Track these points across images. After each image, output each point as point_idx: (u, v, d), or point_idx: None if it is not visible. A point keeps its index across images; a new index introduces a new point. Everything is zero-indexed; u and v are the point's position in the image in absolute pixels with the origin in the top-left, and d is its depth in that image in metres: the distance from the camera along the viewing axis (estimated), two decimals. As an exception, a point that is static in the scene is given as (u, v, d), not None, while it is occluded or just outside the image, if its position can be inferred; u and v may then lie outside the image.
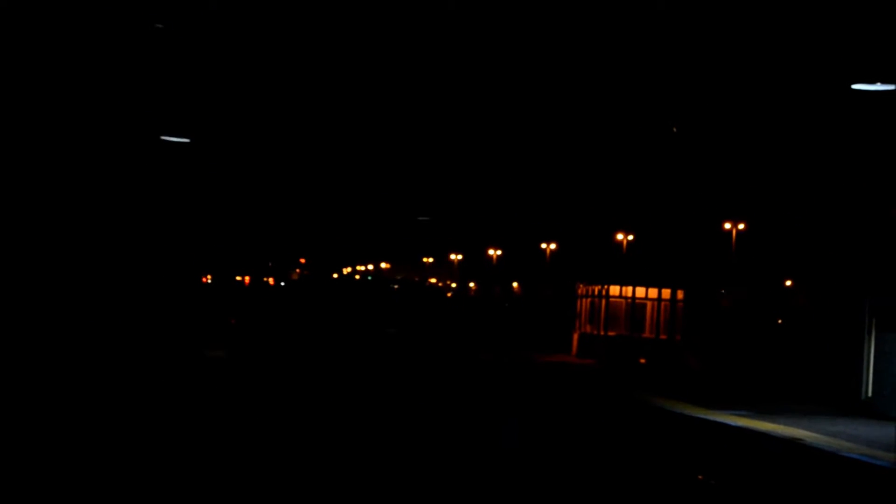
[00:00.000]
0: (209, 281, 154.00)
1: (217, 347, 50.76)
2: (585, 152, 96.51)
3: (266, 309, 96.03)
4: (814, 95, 69.63)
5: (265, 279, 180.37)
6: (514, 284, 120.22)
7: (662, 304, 56.31)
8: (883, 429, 31.82)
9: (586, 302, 59.41)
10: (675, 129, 49.16)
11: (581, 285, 61.15)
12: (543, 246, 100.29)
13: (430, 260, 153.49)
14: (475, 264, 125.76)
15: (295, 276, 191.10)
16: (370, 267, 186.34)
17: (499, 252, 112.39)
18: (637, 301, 56.74)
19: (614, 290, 57.26)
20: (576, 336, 60.27)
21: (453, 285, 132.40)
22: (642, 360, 55.43)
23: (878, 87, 31.89)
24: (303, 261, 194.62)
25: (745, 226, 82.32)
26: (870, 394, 36.59)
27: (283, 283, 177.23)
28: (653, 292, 56.68)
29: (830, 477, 24.73)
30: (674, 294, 56.00)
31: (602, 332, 57.16)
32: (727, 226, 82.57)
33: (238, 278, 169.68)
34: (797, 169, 77.91)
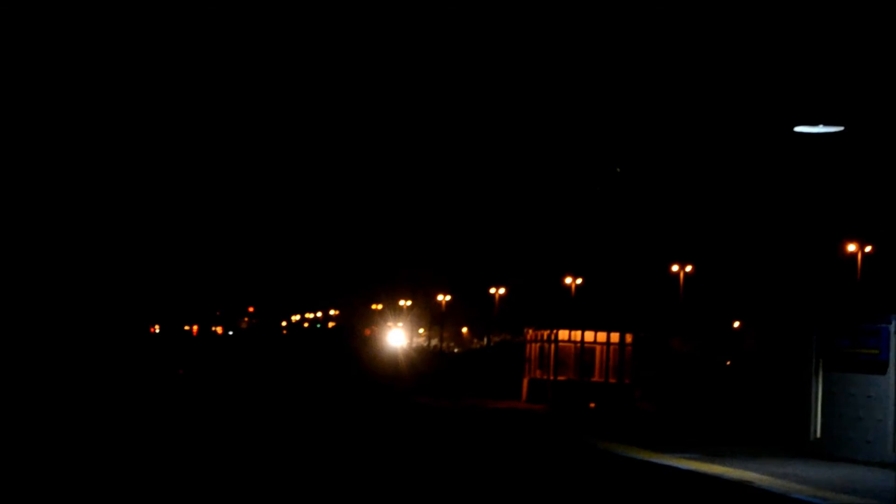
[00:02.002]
0: (157, 331, 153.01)
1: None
2: (533, 197, 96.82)
3: (221, 359, 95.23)
4: (758, 138, 70.15)
5: (213, 328, 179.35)
6: (464, 329, 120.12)
7: (611, 347, 56.32)
8: (832, 470, 31.87)
9: (535, 346, 59.34)
10: (618, 170, 49.41)
11: (530, 330, 61.09)
12: (493, 291, 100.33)
13: (380, 307, 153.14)
14: (425, 310, 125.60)
15: (244, 325, 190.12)
16: (318, 314, 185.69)
17: (448, 298, 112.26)
18: (586, 345, 56.72)
19: (563, 334, 57.20)
20: (525, 381, 60.17)
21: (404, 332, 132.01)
22: (592, 405, 55.37)
23: (821, 129, 32.10)
24: (251, 309, 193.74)
25: (693, 268, 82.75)
26: (818, 435, 36.66)
27: (231, 333, 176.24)
28: (602, 336, 56.66)
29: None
30: (622, 337, 56.02)
31: (552, 377, 57.08)
32: (675, 268, 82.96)
33: (186, 328, 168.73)
34: (743, 211, 78.46)
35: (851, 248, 71.23)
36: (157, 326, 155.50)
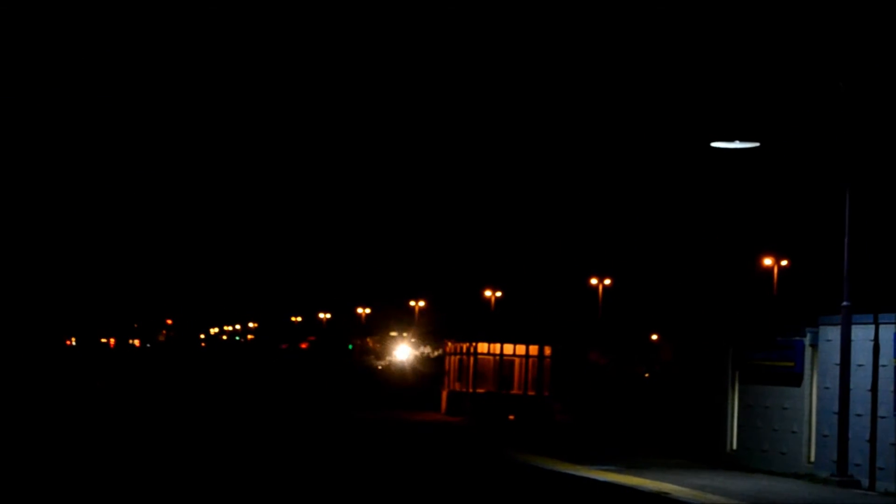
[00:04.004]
0: (73, 343, 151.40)
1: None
2: (451, 209, 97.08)
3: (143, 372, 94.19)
4: (675, 153, 70.87)
5: (131, 341, 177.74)
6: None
7: (530, 360, 56.49)
8: (748, 481, 32.17)
9: (455, 359, 59.39)
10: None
11: (450, 342, 61.13)
12: (412, 303, 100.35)
13: (299, 319, 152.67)
14: (344, 323, 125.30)
15: (161, 338, 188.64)
16: (237, 327, 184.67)
17: (367, 310, 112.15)
18: (505, 358, 56.85)
19: (482, 347, 57.28)
20: (445, 393, 60.20)
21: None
22: (511, 417, 55.50)
23: (737, 144, 32.44)
24: (169, 322, 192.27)
25: (612, 281, 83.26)
26: (734, 447, 37.00)
27: (148, 345, 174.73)
28: (520, 349, 56.82)
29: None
30: (541, 350, 56.20)
31: (471, 390, 57.13)
32: (593, 281, 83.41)
33: (103, 340, 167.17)
34: (661, 225, 79.18)
35: (768, 262, 72.06)
36: (73, 339, 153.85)
